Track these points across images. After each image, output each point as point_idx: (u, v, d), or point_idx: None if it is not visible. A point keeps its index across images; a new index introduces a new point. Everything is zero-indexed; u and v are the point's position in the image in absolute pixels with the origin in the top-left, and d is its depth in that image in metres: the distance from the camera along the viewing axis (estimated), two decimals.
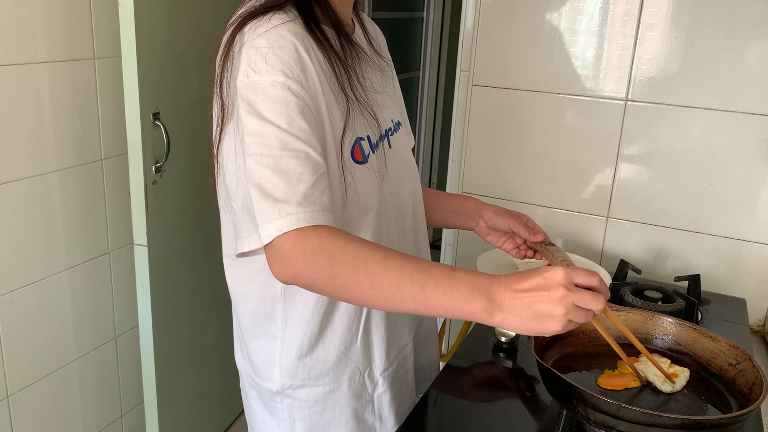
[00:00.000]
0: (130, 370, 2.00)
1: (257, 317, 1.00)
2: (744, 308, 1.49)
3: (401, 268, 0.76)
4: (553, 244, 1.22)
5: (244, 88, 0.83)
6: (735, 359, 0.96)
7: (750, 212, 1.61)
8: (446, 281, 0.76)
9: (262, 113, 0.81)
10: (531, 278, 0.75)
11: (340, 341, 1.00)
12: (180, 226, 1.83)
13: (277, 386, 1.01)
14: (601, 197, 1.75)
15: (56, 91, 1.62)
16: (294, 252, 0.78)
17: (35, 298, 1.66)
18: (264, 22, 0.84)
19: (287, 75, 0.82)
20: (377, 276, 0.76)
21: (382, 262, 0.76)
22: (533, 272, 0.75)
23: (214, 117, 0.91)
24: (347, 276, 0.77)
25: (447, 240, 2.08)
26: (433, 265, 0.78)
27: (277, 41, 0.83)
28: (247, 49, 0.83)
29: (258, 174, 0.80)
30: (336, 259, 0.77)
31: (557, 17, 1.68)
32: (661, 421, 0.80)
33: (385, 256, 0.77)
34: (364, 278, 0.76)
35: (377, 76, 1.03)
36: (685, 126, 1.62)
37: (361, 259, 0.76)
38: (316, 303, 0.97)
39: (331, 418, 1.03)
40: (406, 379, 1.13)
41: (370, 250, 0.77)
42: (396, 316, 1.08)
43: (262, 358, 1.02)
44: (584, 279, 0.75)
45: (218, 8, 1.82)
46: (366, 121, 0.95)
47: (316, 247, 0.77)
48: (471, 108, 1.83)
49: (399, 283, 0.76)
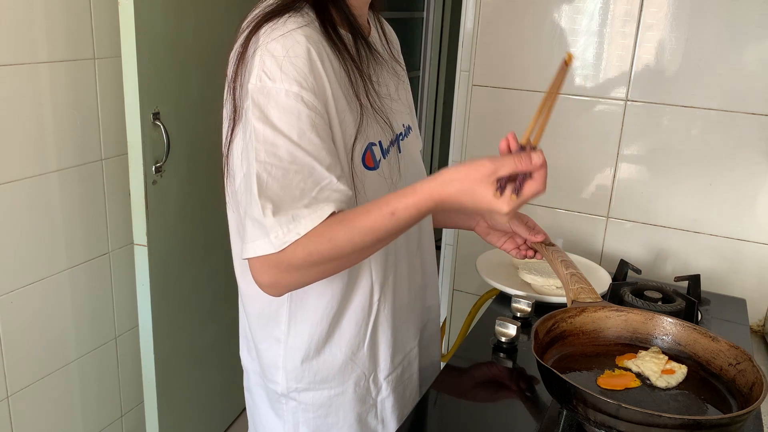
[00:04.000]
0: (130, 370, 2.00)
1: (262, 319, 1.00)
2: (744, 308, 1.49)
3: (370, 223, 0.81)
4: (554, 245, 1.22)
5: (256, 92, 0.82)
6: (735, 359, 0.96)
7: (750, 212, 1.61)
8: (406, 193, 0.82)
9: (274, 122, 0.81)
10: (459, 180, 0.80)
11: (347, 346, 1.00)
12: (180, 226, 1.83)
13: (282, 388, 1.01)
14: (601, 197, 1.75)
15: (56, 91, 1.62)
16: (300, 261, 0.82)
17: (35, 298, 1.66)
18: (280, 25, 0.84)
19: (301, 84, 0.82)
20: (360, 245, 0.82)
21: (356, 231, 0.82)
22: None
23: (225, 118, 0.91)
24: (340, 263, 0.85)
25: (447, 240, 2.08)
26: (386, 200, 0.82)
27: (292, 48, 0.82)
28: (261, 53, 0.83)
29: (266, 184, 0.81)
30: (325, 259, 0.82)
31: (557, 17, 1.68)
32: (661, 421, 0.80)
33: (351, 228, 0.82)
34: (351, 253, 0.83)
35: (392, 80, 1.03)
36: (685, 126, 1.62)
37: (338, 249, 0.82)
38: (325, 307, 0.96)
39: (335, 422, 1.03)
40: (411, 383, 1.13)
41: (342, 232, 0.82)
42: (403, 321, 1.07)
43: (268, 360, 1.02)
44: (508, 169, 0.79)
45: (218, 8, 1.82)
46: (379, 127, 0.95)
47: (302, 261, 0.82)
48: (471, 108, 1.83)
49: (375, 231, 0.81)
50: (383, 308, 1.02)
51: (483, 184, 0.78)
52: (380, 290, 1.00)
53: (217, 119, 0.98)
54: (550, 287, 1.40)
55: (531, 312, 1.28)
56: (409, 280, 1.08)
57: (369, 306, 1.00)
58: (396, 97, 1.03)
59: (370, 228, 0.80)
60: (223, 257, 2.05)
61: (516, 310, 1.29)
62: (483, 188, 0.79)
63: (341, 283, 0.96)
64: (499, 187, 0.79)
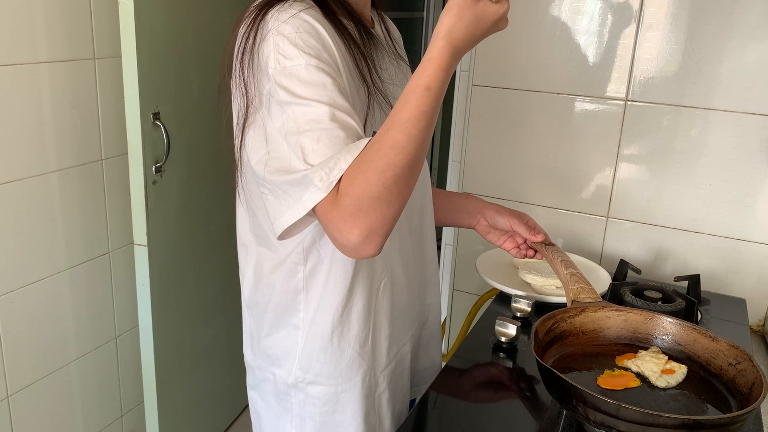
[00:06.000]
0: (130, 370, 2.00)
1: (279, 309, 1.00)
2: (744, 308, 1.49)
3: (404, 115, 0.79)
4: (554, 244, 1.22)
5: (278, 75, 0.82)
6: (735, 359, 0.96)
7: (750, 212, 1.61)
8: (426, 66, 0.80)
9: (304, 96, 0.81)
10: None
11: (355, 340, 1.00)
12: (180, 226, 1.83)
13: (291, 378, 1.01)
14: (601, 197, 1.75)
15: (56, 91, 1.62)
16: (369, 187, 0.77)
17: (35, 298, 1.66)
18: (287, 7, 0.85)
19: (319, 57, 0.83)
20: (407, 138, 0.78)
21: (397, 132, 0.78)
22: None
23: (235, 111, 0.90)
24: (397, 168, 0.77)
25: (447, 239, 2.08)
26: (410, 89, 0.80)
27: (302, 26, 0.83)
28: (273, 37, 0.83)
29: (312, 150, 0.79)
30: (376, 171, 0.77)
31: (557, 17, 1.68)
32: (661, 421, 0.80)
33: (387, 131, 0.79)
34: (403, 149, 0.78)
35: (396, 73, 1.03)
36: (685, 126, 1.62)
37: (384, 150, 0.77)
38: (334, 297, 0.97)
39: (342, 420, 1.03)
40: (402, 379, 1.13)
41: (382, 139, 0.78)
42: (399, 313, 1.07)
43: (283, 349, 1.01)
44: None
45: (218, 8, 1.82)
46: (384, 113, 0.95)
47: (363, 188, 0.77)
48: (471, 108, 1.83)
49: (416, 117, 0.78)
50: (382, 300, 1.02)
51: (479, 4, 0.79)
52: (380, 282, 1.01)
53: (217, 119, 0.98)
54: (550, 287, 1.40)
55: (531, 312, 1.28)
56: (410, 275, 1.08)
57: (373, 297, 1.00)
58: (399, 83, 1.03)
59: (416, 114, 0.78)
60: (223, 257, 2.06)
61: (516, 310, 1.29)
62: (483, 6, 0.80)
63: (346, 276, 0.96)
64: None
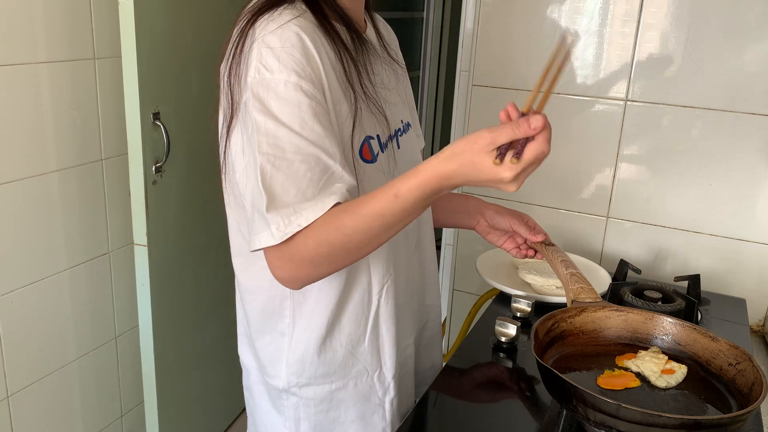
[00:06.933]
0: (130, 370, 2.00)
1: (265, 314, 1.00)
2: (744, 308, 1.49)
3: (375, 212, 0.80)
4: (554, 244, 1.22)
5: (255, 84, 0.83)
6: (735, 359, 0.96)
7: (750, 212, 1.61)
8: (410, 174, 0.79)
9: (275, 113, 0.82)
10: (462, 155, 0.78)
11: (347, 341, 1.00)
12: (180, 226, 1.83)
13: (283, 384, 1.01)
14: (601, 197, 1.75)
15: (56, 91, 1.62)
16: (311, 253, 0.82)
17: (35, 298, 1.66)
18: (276, 16, 0.85)
19: (300, 75, 0.82)
20: (366, 233, 0.81)
21: (359, 222, 0.81)
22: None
23: (221, 114, 0.91)
24: (350, 251, 0.83)
25: (447, 240, 2.08)
26: (390, 186, 0.80)
27: (289, 39, 0.83)
28: (258, 46, 0.83)
29: (270, 176, 0.81)
30: (335, 249, 0.82)
31: (557, 17, 1.68)
32: (661, 421, 0.80)
33: (354, 216, 0.81)
34: (359, 239, 0.82)
35: (389, 76, 1.03)
36: (685, 126, 1.62)
37: (346, 233, 0.81)
38: (327, 300, 0.97)
39: (336, 416, 1.03)
40: (407, 381, 1.13)
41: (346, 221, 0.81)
42: (402, 316, 1.07)
43: (271, 354, 1.01)
44: (506, 136, 0.76)
45: (218, 8, 1.82)
46: (375, 119, 0.95)
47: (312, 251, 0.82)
48: (471, 108, 1.83)
49: (382, 216, 0.80)
50: (384, 305, 1.01)
51: (482, 154, 0.76)
52: (379, 286, 1.00)
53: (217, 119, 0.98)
54: (550, 287, 1.40)
55: (531, 312, 1.28)
56: (408, 278, 1.07)
57: (368, 301, 1.00)
58: (393, 90, 1.02)
59: (376, 213, 0.79)
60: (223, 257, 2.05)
61: (516, 310, 1.29)
62: (483, 158, 0.76)
63: (340, 278, 0.96)
64: (500, 154, 0.76)
